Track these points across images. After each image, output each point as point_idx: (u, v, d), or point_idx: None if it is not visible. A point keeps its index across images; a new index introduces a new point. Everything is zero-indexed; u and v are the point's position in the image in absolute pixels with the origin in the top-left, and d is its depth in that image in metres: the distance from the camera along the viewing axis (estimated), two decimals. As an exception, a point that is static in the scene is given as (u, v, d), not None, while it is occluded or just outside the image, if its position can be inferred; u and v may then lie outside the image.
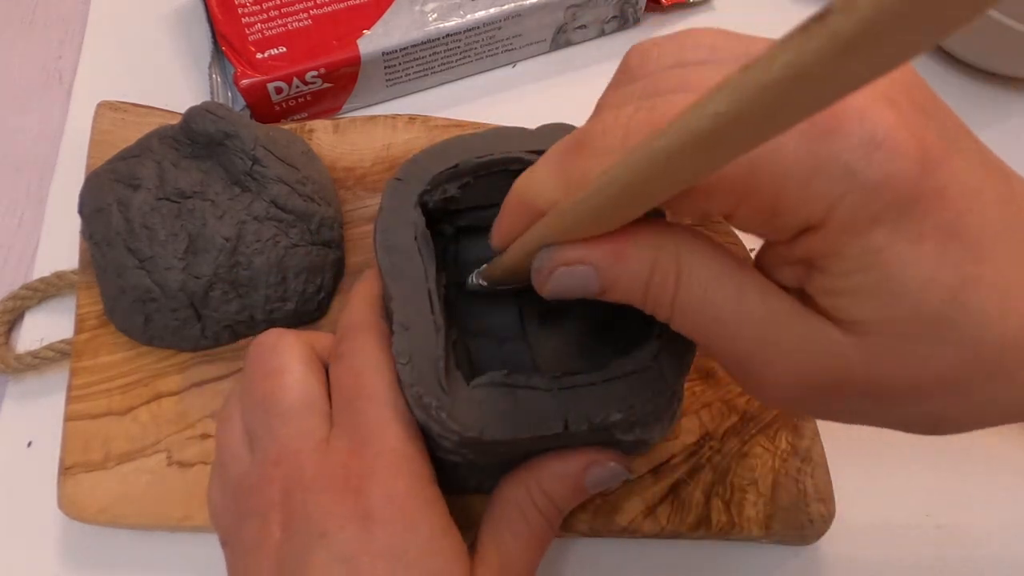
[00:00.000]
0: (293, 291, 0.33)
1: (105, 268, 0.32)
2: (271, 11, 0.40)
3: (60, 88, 0.43)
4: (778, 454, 0.32)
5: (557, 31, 0.44)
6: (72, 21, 0.45)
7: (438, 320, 0.25)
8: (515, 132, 0.29)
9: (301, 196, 0.33)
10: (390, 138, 0.38)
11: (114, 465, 0.31)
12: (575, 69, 0.45)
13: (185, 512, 0.31)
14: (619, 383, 0.25)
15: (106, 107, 0.38)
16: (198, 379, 0.33)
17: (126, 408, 0.32)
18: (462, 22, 0.41)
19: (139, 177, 0.32)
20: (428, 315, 0.25)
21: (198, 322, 0.32)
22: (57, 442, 0.32)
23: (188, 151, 0.33)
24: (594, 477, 0.26)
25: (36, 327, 0.36)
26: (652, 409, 0.25)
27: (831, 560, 0.33)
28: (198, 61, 0.43)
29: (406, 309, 0.25)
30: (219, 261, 0.32)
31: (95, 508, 0.30)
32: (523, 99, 0.43)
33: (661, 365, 0.25)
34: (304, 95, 0.40)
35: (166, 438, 0.32)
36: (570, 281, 0.21)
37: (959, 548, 0.34)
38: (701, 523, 0.31)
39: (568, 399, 0.25)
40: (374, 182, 0.37)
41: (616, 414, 0.24)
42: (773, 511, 0.32)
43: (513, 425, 0.24)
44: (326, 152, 0.37)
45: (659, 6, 0.46)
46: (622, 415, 0.24)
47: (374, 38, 0.40)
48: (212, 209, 0.32)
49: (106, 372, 0.33)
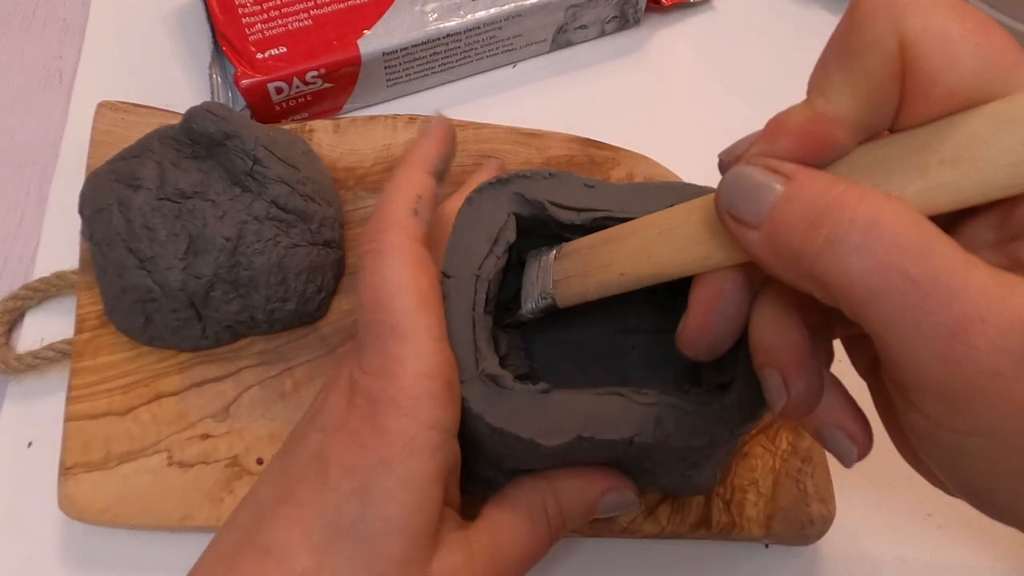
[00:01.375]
0: (294, 291, 0.33)
1: (105, 268, 0.32)
2: (271, 11, 0.40)
3: (60, 88, 0.43)
4: (778, 454, 0.33)
5: (557, 31, 0.44)
6: (72, 21, 0.45)
7: (477, 309, 0.26)
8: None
9: (302, 196, 0.33)
10: (390, 138, 0.38)
11: (114, 465, 0.31)
12: (575, 69, 0.45)
13: (185, 512, 0.31)
14: (694, 415, 0.25)
15: (106, 107, 0.38)
16: (198, 379, 0.33)
17: (126, 408, 0.32)
18: (462, 22, 0.41)
19: (139, 177, 0.32)
20: (470, 299, 0.26)
21: (198, 322, 0.32)
22: (57, 442, 0.32)
23: (188, 151, 0.33)
24: (608, 502, 0.27)
25: (36, 327, 0.36)
26: (713, 446, 0.25)
27: (831, 560, 0.33)
28: (198, 61, 0.43)
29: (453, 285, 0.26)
30: (220, 261, 0.32)
31: (95, 508, 0.30)
32: (523, 99, 0.43)
33: (734, 409, 0.25)
34: (304, 95, 0.40)
35: (166, 438, 0.32)
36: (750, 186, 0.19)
37: (959, 548, 0.34)
38: (701, 523, 0.31)
39: (644, 413, 0.25)
40: (374, 182, 0.37)
41: (697, 440, 0.25)
42: (773, 511, 0.32)
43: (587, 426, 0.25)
44: (326, 152, 0.37)
45: (659, 6, 0.46)
46: (699, 442, 0.25)
47: (374, 38, 0.40)
48: (213, 209, 0.32)
49: (106, 372, 0.33)
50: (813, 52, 0.20)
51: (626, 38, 0.46)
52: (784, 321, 0.21)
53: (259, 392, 0.33)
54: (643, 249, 0.24)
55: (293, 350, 0.34)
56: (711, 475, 0.28)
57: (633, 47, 0.46)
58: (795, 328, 0.21)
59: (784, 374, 0.21)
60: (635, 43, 0.46)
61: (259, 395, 0.33)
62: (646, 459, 0.26)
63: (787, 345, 0.21)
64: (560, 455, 0.25)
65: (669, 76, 0.45)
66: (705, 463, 0.27)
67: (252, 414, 0.32)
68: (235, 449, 0.32)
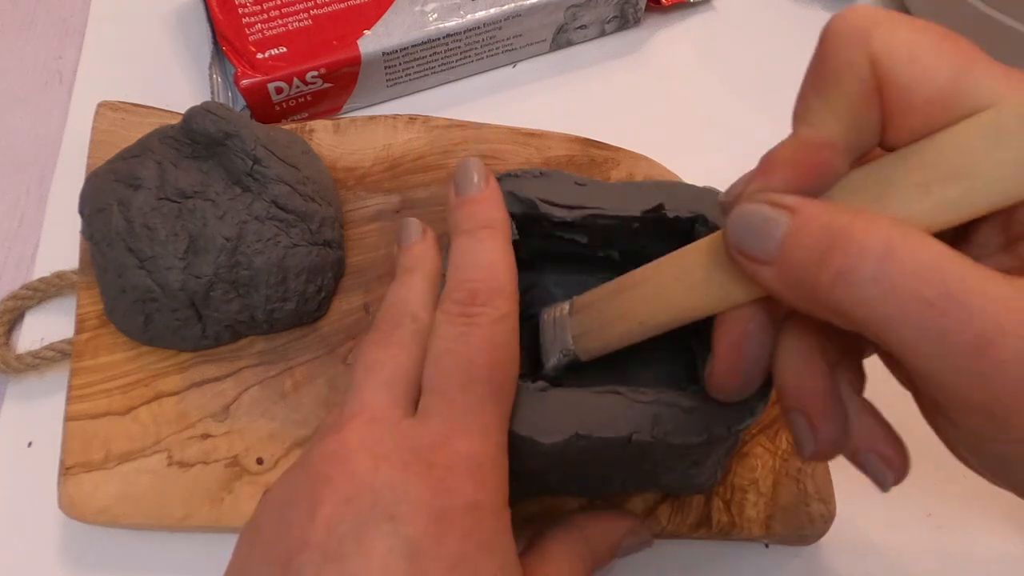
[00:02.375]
0: (294, 291, 0.33)
1: (105, 268, 0.32)
2: (271, 11, 0.40)
3: (60, 88, 0.43)
4: (779, 454, 0.33)
5: (557, 31, 0.44)
6: (72, 21, 0.45)
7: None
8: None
9: (302, 196, 0.33)
10: (390, 138, 0.38)
11: (114, 465, 0.31)
12: (575, 69, 0.45)
13: (185, 512, 0.31)
14: (692, 412, 0.25)
15: (106, 107, 0.38)
16: (198, 379, 0.33)
17: (126, 408, 0.32)
18: (462, 22, 0.41)
19: (139, 177, 0.32)
20: None
21: (199, 322, 0.32)
22: (57, 442, 0.32)
23: (188, 151, 0.33)
24: (629, 544, 0.29)
25: (36, 327, 0.36)
26: (712, 443, 0.25)
27: (831, 560, 0.33)
28: (198, 61, 0.43)
29: None
30: (220, 261, 0.32)
31: (95, 508, 0.30)
32: (523, 99, 0.43)
33: (732, 406, 0.25)
34: (304, 95, 0.40)
35: (166, 438, 0.32)
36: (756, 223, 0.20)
37: (959, 548, 0.34)
38: (701, 523, 0.31)
39: (642, 411, 0.25)
40: (374, 182, 0.37)
41: (696, 437, 0.25)
42: (773, 511, 0.32)
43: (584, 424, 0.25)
44: (326, 152, 0.37)
45: (659, 6, 0.46)
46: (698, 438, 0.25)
47: (374, 38, 0.40)
48: (213, 209, 0.32)
49: (106, 372, 0.33)
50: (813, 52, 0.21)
51: (626, 38, 0.46)
52: (808, 366, 0.21)
53: (259, 392, 0.33)
54: (659, 295, 0.24)
55: (293, 350, 0.34)
56: (712, 473, 0.28)
57: (633, 47, 0.46)
58: (819, 372, 0.21)
59: (810, 420, 0.21)
60: (635, 43, 0.46)
61: (259, 395, 0.33)
62: (645, 458, 0.26)
63: (812, 390, 0.21)
64: (558, 454, 0.25)
65: (669, 76, 0.45)
66: (705, 461, 0.27)
67: (252, 414, 0.32)
68: (235, 449, 0.32)
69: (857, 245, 0.18)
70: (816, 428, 0.21)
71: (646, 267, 0.25)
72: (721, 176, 0.35)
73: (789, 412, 0.22)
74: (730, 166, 0.41)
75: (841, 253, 0.18)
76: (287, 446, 0.32)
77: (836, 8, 0.45)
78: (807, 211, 0.19)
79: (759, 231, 0.19)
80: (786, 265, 0.19)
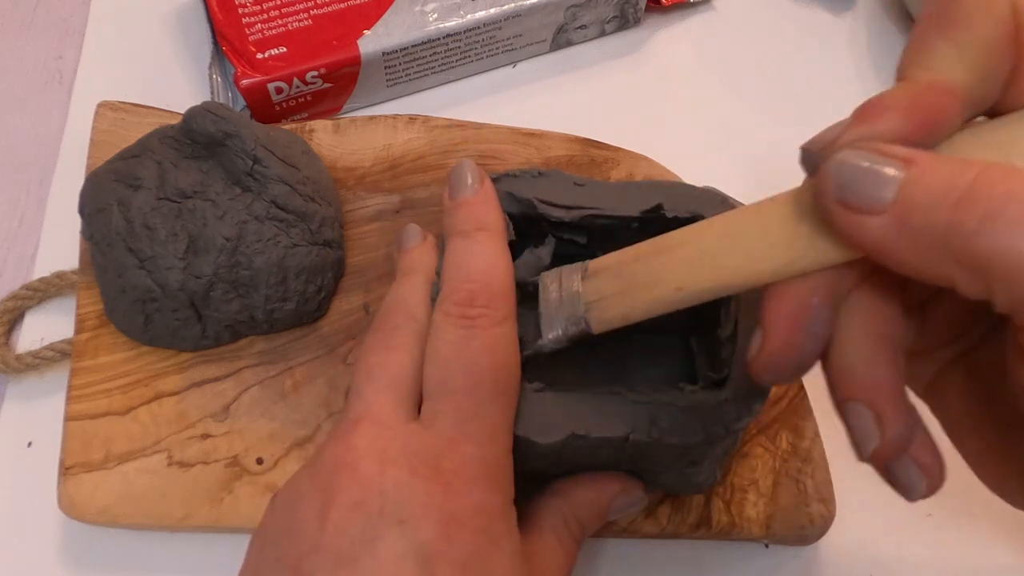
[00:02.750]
0: (294, 291, 0.33)
1: (105, 268, 0.32)
2: (271, 11, 0.40)
3: (60, 88, 0.43)
4: (779, 454, 0.33)
5: (557, 31, 0.44)
6: (72, 21, 0.45)
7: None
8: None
9: (302, 196, 0.33)
10: (390, 138, 0.38)
11: (114, 465, 0.31)
12: (575, 69, 0.45)
13: (185, 512, 0.31)
14: (689, 411, 0.25)
15: (106, 107, 0.38)
16: (198, 379, 0.33)
17: (126, 408, 0.32)
18: (462, 22, 0.41)
19: (139, 177, 0.32)
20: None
21: (198, 322, 0.32)
22: (57, 442, 0.32)
23: (188, 151, 0.33)
24: (619, 503, 0.28)
25: (36, 327, 0.36)
26: (709, 442, 0.25)
27: (831, 560, 0.33)
28: (198, 61, 0.43)
29: None
30: (219, 261, 0.32)
31: (95, 508, 0.30)
32: (523, 99, 0.43)
33: (729, 405, 0.25)
34: (304, 95, 0.40)
35: (166, 438, 0.32)
36: (864, 170, 0.17)
37: (959, 548, 0.34)
38: (701, 523, 0.31)
39: (639, 411, 0.25)
40: (374, 182, 0.37)
41: (693, 437, 0.25)
42: (773, 511, 0.32)
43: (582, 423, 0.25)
44: (326, 152, 0.37)
45: (659, 6, 0.46)
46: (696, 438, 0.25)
47: (374, 38, 0.40)
48: (213, 209, 0.32)
49: (106, 372, 0.33)
50: (813, 52, 0.20)
51: (626, 38, 0.46)
52: (879, 348, 0.19)
53: (259, 392, 0.33)
54: (704, 258, 0.21)
55: (293, 350, 0.34)
56: (711, 473, 0.28)
57: (633, 47, 0.46)
58: (890, 359, 0.19)
59: (878, 413, 0.19)
60: (635, 43, 0.46)
61: (259, 395, 0.33)
62: (643, 458, 0.26)
63: (883, 377, 0.19)
64: (556, 454, 0.25)
65: (669, 76, 0.45)
66: (704, 460, 0.27)
67: (252, 414, 0.32)
68: (235, 449, 0.32)
69: (1003, 187, 0.16)
70: (885, 423, 0.19)
71: (684, 229, 0.22)
72: (721, 176, 0.36)
73: (848, 404, 0.19)
74: (730, 166, 0.41)
75: (985, 196, 0.16)
76: (287, 446, 0.32)
77: (836, 8, 0.45)
78: (925, 160, 0.17)
79: (869, 178, 0.17)
80: (908, 213, 0.17)
